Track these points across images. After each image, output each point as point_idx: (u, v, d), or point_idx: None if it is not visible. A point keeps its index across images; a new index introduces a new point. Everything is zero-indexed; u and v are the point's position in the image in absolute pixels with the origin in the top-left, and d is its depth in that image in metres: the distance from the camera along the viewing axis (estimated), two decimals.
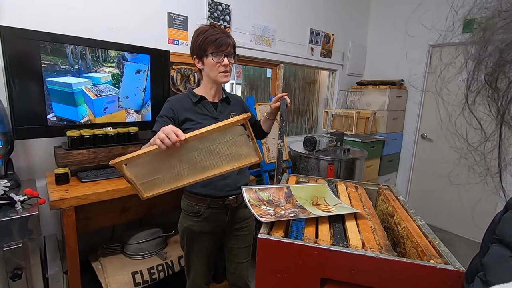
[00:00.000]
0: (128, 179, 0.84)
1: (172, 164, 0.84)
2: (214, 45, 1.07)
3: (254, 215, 0.72)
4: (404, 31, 2.97)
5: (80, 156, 1.39)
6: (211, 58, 1.09)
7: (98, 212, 1.41)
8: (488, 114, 0.35)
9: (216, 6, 2.03)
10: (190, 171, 0.86)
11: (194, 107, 1.14)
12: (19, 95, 1.24)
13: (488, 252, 0.41)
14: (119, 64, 1.52)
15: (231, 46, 1.11)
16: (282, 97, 1.23)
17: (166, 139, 0.79)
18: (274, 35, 2.45)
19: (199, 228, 1.17)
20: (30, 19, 1.37)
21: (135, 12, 1.70)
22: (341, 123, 2.98)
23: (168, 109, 1.13)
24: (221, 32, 1.10)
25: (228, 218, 1.19)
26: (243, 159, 0.86)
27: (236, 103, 1.28)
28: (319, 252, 0.60)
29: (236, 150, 0.83)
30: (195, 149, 0.83)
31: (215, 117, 1.15)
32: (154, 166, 0.84)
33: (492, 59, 0.32)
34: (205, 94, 1.17)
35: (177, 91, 1.88)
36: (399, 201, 0.90)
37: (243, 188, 0.84)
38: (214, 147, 0.83)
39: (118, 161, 0.80)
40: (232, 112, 1.22)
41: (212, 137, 0.82)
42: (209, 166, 0.86)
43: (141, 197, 0.88)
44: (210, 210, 1.15)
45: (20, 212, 1.07)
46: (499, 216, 0.43)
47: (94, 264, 1.50)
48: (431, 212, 3.05)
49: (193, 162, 0.85)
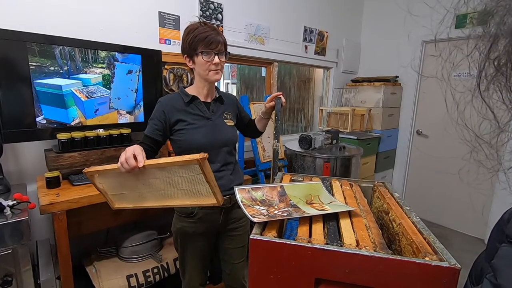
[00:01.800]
0: (99, 189, 0.89)
1: (136, 185, 0.86)
2: (203, 43, 1.05)
3: (247, 215, 0.70)
4: (398, 27, 2.98)
5: (71, 159, 1.37)
6: (201, 57, 1.07)
7: (91, 215, 1.39)
8: (502, 102, 0.31)
9: (208, 5, 2.01)
10: (153, 196, 0.87)
11: (186, 107, 1.12)
12: (6, 98, 1.21)
13: (497, 253, 0.38)
14: (109, 64, 1.49)
15: (221, 43, 1.09)
16: (276, 96, 1.21)
17: (125, 164, 0.81)
18: (268, 33, 2.43)
19: (193, 229, 1.15)
20: (17, 19, 1.34)
21: (126, 12, 1.68)
22: (336, 121, 2.98)
23: (159, 111, 1.11)
24: (211, 29, 1.07)
25: (222, 218, 1.17)
26: (202, 198, 0.84)
27: (230, 102, 1.26)
28: (313, 252, 0.58)
29: (195, 187, 0.82)
30: (156, 176, 0.83)
31: (208, 117, 1.13)
32: (121, 182, 0.87)
33: (503, 43, 0.30)
34: (198, 93, 1.15)
35: (170, 91, 1.85)
36: (394, 197, 0.89)
37: (236, 188, 0.82)
38: (173, 180, 0.82)
39: (89, 170, 0.85)
40: (225, 112, 1.20)
41: (171, 169, 0.81)
42: (169, 196, 0.86)
43: (112, 207, 0.92)
44: (204, 210, 1.13)
45: (9, 218, 1.05)
46: (508, 214, 0.41)
47: (88, 268, 1.48)
48: (428, 207, 3.06)
49: (155, 188, 0.85)
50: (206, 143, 1.09)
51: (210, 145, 1.10)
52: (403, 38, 2.91)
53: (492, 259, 0.38)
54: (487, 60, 0.31)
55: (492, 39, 0.30)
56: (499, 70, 0.30)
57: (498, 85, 0.31)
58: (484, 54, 0.31)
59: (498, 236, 0.41)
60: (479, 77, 0.33)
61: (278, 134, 1.24)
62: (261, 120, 1.32)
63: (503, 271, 0.35)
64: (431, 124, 2.99)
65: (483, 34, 0.31)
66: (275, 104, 1.21)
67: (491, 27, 0.30)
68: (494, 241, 0.41)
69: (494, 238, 0.42)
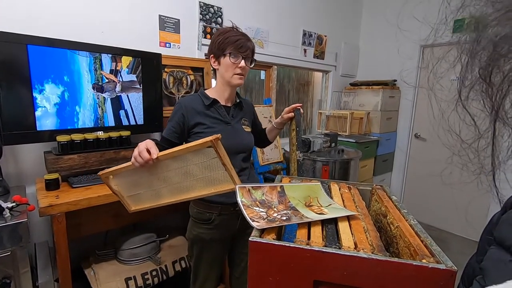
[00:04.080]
0: (114, 191, 0.87)
1: (152, 182, 0.84)
2: (233, 45, 1.05)
3: (246, 218, 0.71)
4: (396, 31, 3.00)
5: (71, 161, 1.37)
6: (229, 58, 1.06)
7: (90, 217, 1.39)
8: (482, 110, 0.33)
9: (208, 9, 2.02)
10: (169, 190, 0.85)
11: (206, 110, 1.10)
12: (7, 100, 1.22)
13: (486, 256, 0.39)
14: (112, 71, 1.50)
15: (250, 50, 1.09)
16: (295, 108, 1.19)
17: (138, 157, 0.80)
18: (267, 37, 2.45)
19: (210, 235, 1.13)
20: (19, 22, 1.35)
21: (126, 15, 1.69)
22: (335, 124, 2.99)
23: (179, 114, 1.10)
24: (242, 34, 1.08)
25: (239, 223, 1.15)
26: (220, 185, 0.82)
27: (248, 108, 1.25)
28: (311, 254, 0.59)
29: (210, 174, 0.81)
30: (170, 168, 0.82)
31: (227, 122, 1.12)
32: (136, 181, 0.85)
33: (485, 53, 0.31)
34: (218, 97, 1.13)
35: (169, 94, 1.86)
36: (392, 200, 0.89)
37: (237, 186, 0.82)
38: (189, 169, 0.81)
39: (104, 173, 0.83)
40: (243, 118, 1.19)
41: (185, 157, 0.80)
42: (186, 188, 0.84)
43: (128, 210, 0.89)
44: (222, 217, 1.11)
45: (8, 220, 1.05)
46: (496, 216, 0.42)
47: (87, 271, 1.47)
48: (425, 210, 3.07)
49: (171, 182, 0.84)
50: (226, 147, 1.09)
51: (227, 149, 1.08)
52: (401, 42, 2.93)
53: (482, 261, 0.39)
54: (468, 68, 0.33)
55: (477, 45, 0.31)
56: (483, 78, 0.31)
57: (481, 93, 0.33)
58: (466, 63, 0.33)
59: (488, 239, 0.41)
60: (460, 86, 0.34)
61: (300, 144, 1.24)
62: (273, 130, 1.30)
63: (490, 273, 0.36)
64: (429, 127, 3.00)
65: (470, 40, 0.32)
66: (295, 115, 1.20)
67: (480, 34, 0.31)
68: (484, 243, 0.42)
69: (484, 240, 0.43)
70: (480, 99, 0.33)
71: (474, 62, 0.32)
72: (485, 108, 0.33)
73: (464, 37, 0.33)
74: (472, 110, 0.35)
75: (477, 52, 0.31)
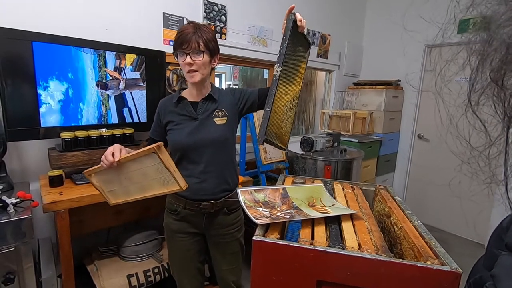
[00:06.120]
0: (96, 187, 0.99)
1: (121, 180, 0.95)
2: (177, 44, 1.03)
3: (250, 217, 0.71)
4: (401, 31, 2.98)
5: (75, 158, 1.38)
6: (177, 58, 1.05)
7: (92, 214, 1.40)
8: (493, 115, 0.31)
9: (212, 7, 2.02)
10: (135, 188, 0.95)
11: (175, 108, 1.12)
12: (11, 97, 1.22)
13: (497, 262, 0.37)
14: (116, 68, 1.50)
15: (194, 42, 1.00)
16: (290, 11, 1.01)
17: (104, 160, 0.89)
18: (271, 35, 2.44)
19: (177, 226, 1.16)
20: (24, 19, 1.35)
21: (130, 13, 1.69)
22: (338, 124, 2.98)
23: (156, 114, 1.16)
24: (188, 28, 1.01)
25: (205, 222, 1.15)
26: (169, 185, 0.90)
27: (225, 97, 1.17)
28: (315, 254, 0.59)
29: (161, 175, 0.88)
30: (132, 169, 0.91)
31: (194, 118, 1.10)
32: (110, 179, 0.96)
33: (498, 55, 0.29)
34: (190, 94, 1.14)
35: (173, 92, 1.86)
36: (395, 201, 0.89)
37: (238, 190, 0.83)
38: (145, 170, 0.90)
39: (87, 171, 0.97)
40: (216, 110, 1.13)
41: (141, 160, 0.88)
42: (146, 187, 0.93)
43: (109, 203, 1.00)
44: (187, 210, 1.13)
45: (12, 215, 1.05)
46: (506, 221, 0.40)
47: (89, 267, 1.48)
48: (428, 211, 3.06)
49: (134, 181, 0.93)
50: (189, 143, 1.08)
51: (193, 145, 1.08)
52: (405, 42, 2.91)
53: (491, 266, 0.38)
54: (479, 71, 0.31)
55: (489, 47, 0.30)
56: (495, 81, 0.30)
57: (492, 97, 0.31)
58: (477, 65, 0.31)
59: (497, 243, 0.40)
60: (470, 90, 0.33)
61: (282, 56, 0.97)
62: None
63: (502, 281, 0.35)
64: (432, 128, 2.99)
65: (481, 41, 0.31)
66: (287, 21, 1.00)
67: (492, 34, 0.30)
68: (492, 248, 0.41)
69: (493, 245, 0.42)
70: (491, 104, 0.31)
71: (485, 64, 0.30)
72: (496, 113, 0.31)
73: (475, 38, 0.32)
74: (483, 116, 0.33)
75: (488, 54, 0.30)
